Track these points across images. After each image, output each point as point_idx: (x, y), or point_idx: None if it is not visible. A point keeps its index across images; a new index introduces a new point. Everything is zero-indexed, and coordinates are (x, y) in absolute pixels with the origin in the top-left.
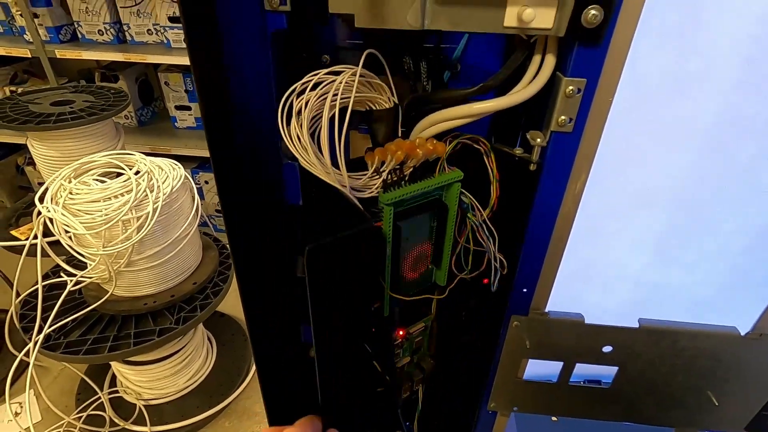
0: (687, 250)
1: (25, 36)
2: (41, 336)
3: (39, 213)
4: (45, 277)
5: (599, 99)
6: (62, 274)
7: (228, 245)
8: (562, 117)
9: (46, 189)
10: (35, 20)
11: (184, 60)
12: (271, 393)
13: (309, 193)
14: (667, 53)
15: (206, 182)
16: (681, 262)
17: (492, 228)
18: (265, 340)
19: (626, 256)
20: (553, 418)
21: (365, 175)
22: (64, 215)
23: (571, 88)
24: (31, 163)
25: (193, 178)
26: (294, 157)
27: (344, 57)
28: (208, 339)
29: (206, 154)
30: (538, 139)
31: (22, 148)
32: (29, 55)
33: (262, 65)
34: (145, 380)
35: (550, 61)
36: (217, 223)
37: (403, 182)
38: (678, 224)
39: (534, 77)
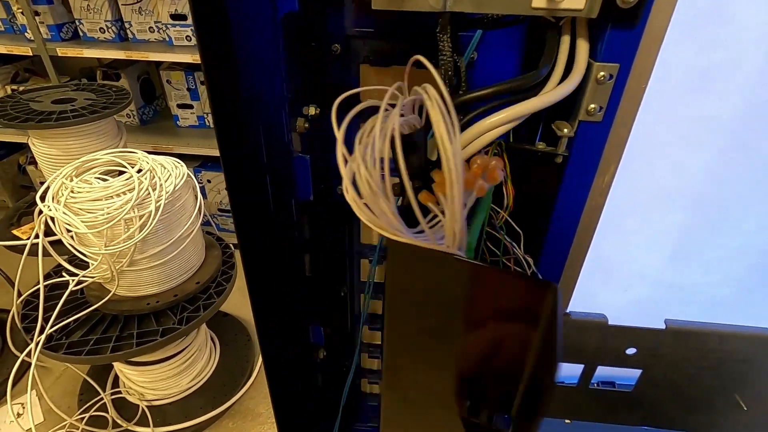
0: (706, 249)
1: (26, 34)
2: (43, 336)
3: (40, 212)
4: (47, 276)
5: (632, 86)
6: (64, 274)
7: (233, 244)
8: (592, 105)
9: (48, 188)
10: (36, 18)
11: (187, 58)
12: (279, 393)
13: (319, 188)
14: (691, 45)
15: (209, 181)
16: (700, 261)
17: (516, 227)
18: (273, 340)
19: (644, 255)
20: (566, 421)
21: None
22: (65, 214)
23: (602, 73)
24: (33, 162)
25: (195, 176)
26: (302, 149)
27: (356, 46)
28: (212, 339)
29: (209, 152)
30: (566, 130)
31: (23, 148)
32: (30, 54)
33: (273, 55)
34: (147, 381)
35: (584, 47)
36: (219, 223)
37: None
38: (697, 223)
39: (566, 65)
